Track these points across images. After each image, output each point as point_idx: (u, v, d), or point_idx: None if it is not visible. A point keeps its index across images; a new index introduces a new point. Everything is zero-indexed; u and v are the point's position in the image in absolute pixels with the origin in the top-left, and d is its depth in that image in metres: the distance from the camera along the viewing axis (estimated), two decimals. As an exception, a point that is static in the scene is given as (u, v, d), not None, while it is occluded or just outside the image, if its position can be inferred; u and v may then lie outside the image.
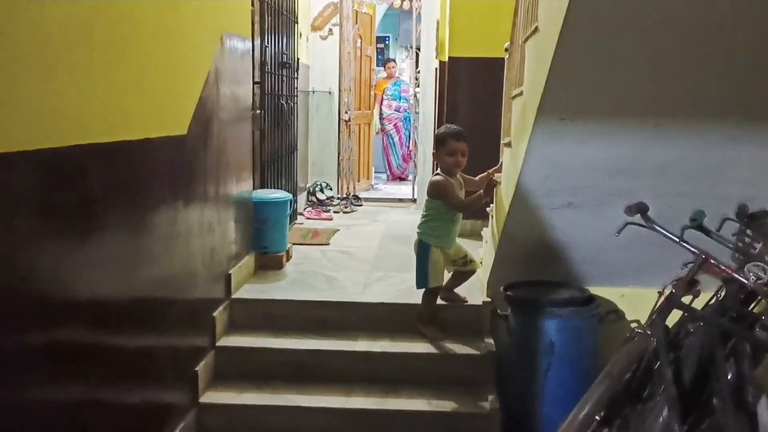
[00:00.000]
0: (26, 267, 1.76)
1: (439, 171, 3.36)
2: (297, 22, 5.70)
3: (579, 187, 2.62)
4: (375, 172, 9.10)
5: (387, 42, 11.43)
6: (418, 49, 7.17)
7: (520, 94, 2.51)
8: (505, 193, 2.96)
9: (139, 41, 2.41)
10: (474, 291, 3.67)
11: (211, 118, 3.26)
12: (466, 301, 3.57)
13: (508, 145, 2.83)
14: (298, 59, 5.73)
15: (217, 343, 3.37)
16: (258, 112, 4.49)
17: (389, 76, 9.54)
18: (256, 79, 4.40)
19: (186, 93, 2.95)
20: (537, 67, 2.21)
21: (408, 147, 9.56)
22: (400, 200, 7.32)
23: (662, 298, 2.30)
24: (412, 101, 10.13)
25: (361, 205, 6.89)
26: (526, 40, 2.41)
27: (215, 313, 3.37)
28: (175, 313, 2.88)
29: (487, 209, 3.67)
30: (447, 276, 3.52)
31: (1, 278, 1.65)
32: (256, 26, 4.38)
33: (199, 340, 3.21)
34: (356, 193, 7.22)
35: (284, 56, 5.17)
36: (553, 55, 1.96)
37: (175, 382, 2.92)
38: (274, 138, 4.93)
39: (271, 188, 4.75)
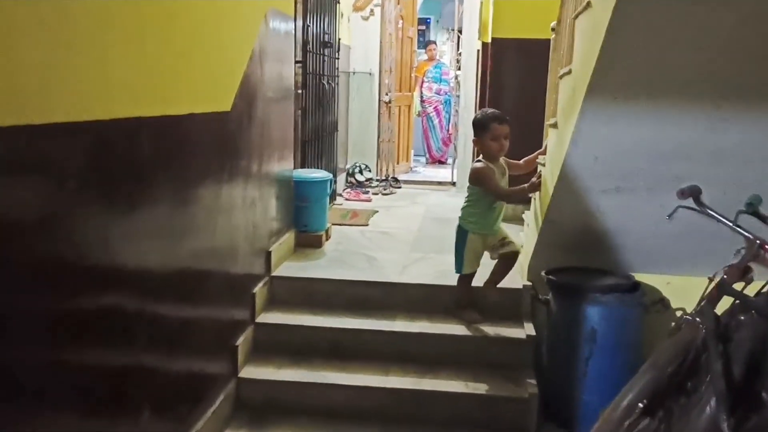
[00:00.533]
0: (77, 234, 1.78)
1: (480, 157, 3.30)
2: (339, 2, 5.67)
3: (629, 170, 2.56)
4: (414, 155, 9.06)
5: (428, 24, 11.32)
6: (460, 31, 7.09)
7: (569, 72, 2.45)
8: (549, 175, 2.91)
9: (187, 15, 2.41)
10: (514, 275, 3.63)
11: (255, 96, 3.26)
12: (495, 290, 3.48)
13: (554, 126, 2.77)
14: (339, 39, 5.71)
15: (257, 319, 3.40)
16: (300, 91, 4.49)
17: (430, 59, 9.47)
18: (298, 58, 4.40)
19: (231, 69, 2.95)
20: (589, 43, 2.15)
21: (448, 130, 9.49)
22: (440, 183, 7.27)
23: (712, 285, 2.23)
24: (452, 84, 10.05)
25: (400, 188, 6.87)
26: (577, 16, 2.35)
27: (255, 289, 3.40)
28: (217, 287, 2.91)
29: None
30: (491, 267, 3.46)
31: (52, 245, 1.67)
32: (299, 5, 4.37)
33: (240, 314, 3.24)
34: (395, 176, 7.20)
35: (326, 36, 5.15)
36: (607, 29, 1.90)
37: (215, 355, 2.95)
38: (315, 118, 4.93)
39: (311, 168, 4.76)
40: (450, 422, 3.04)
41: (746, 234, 2.13)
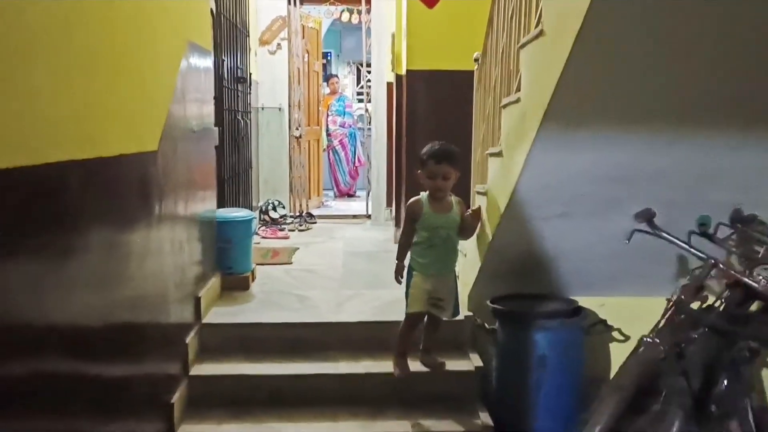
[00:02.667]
0: None
1: (423, 193, 3.02)
2: (249, 36, 5.55)
3: (574, 196, 2.59)
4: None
5: (329, 57, 11.33)
6: (362, 64, 7.10)
7: (516, 101, 2.45)
8: (493, 205, 2.90)
9: (111, 46, 2.23)
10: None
11: (180, 133, 3.08)
12: (443, 367, 3.16)
13: (498, 155, 2.77)
14: (250, 74, 5.57)
15: (191, 372, 3.16)
16: (216, 128, 4.31)
17: (333, 92, 9.45)
18: (214, 94, 4.23)
19: (156, 106, 2.77)
20: (542, 72, 2.16)
21: (354, 163, 9.48)
22: (354, 216, 7.20)
23: (671, 305, 2.27)
24: (356, 117, 10.07)
25: (315, 223, 6.74)
26: (523, 45, 2.37)
27: (188, 339, 3.16)
28: (149, 339, 2.67)
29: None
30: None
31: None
32: (213, 39, 4.22)
33: (173, 367, 3.00)
34: (309, 211, 7.06)
35: (239, 71, 5.00)
36: (567, 59, 1.91)
37: (149, 415, 2.70)
38: (232, 155, 4.75)
39: (231, 206, 4.56)
40: (405, 465, 2.93)
41: (701, 255, 2.19)
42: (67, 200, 1.89)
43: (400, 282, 3.06)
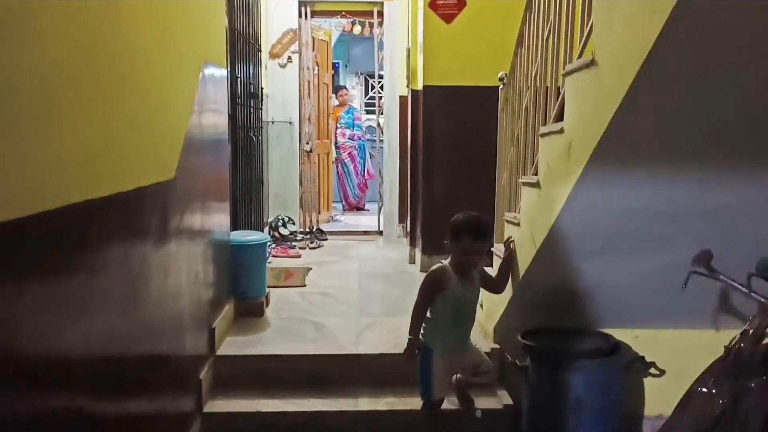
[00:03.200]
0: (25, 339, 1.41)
1: (447, 260, 2.75)
2: (260, 50, 5.41)
3: (617, 232, 2.44)
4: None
5: (337, 68, 11.20)
6: (370, 75, 6.94)
7: (560, 131, 2.30)
8: (526, 238, 2.75)
9: (135, 71, 2.08)
10: (476, 336, 3.43)
11: (196, 158, 2.93)
12: (476, 411, 3.01)
13: (535, 185, 2.62)
14: (262, 89, 5.43)
15: (205, 409, 3.00)
16: (229, 146, 4.16)
17: (342, 104, 9.32)
18: (229, 111, 4.08)
19: (175, 131, 2.62)
20: (593, 104, 2.01)
21: (363, 176, 9.33)
22: (366, 233, 7.04)
23: (729, 352, 2.11)
24: (365, 128, 9.93)
25: (326, 239, 6.58)
26: (569, 73, 2.21)
27: (201, 374, 3.00)
28: (163, 375, 2.51)
29: (493, 249, 3.42)
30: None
31: None
32: (227, 55, 4.07)
33: (186, 405, 2.84)
34: (320, 227, 6.91)
35: (251, 86, 4.86)
36: (626, 94, 1.76)
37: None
38: (245, 173, 4.60)
39: (243, 227, 4.41)
40: None
41: (763, 300, 2.04)
42: (85, 241, 1.74)
43: (410, 361, 2.75)
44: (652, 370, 3.20)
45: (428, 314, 2.74)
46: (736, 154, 2.03)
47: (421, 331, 2.75)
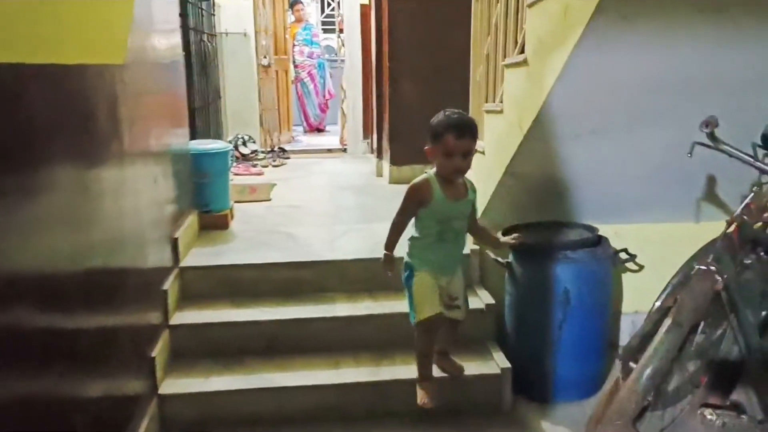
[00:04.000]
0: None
1: (431, 170, 2.39)
2: (210, -49, 5.00)
3: (610, 106, 2.27)
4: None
5: (291, -17, 10.66)
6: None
7: (545, -2, 2.09)
8: (511, 124, 2.57)
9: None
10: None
11: (147, 50, 2.65)
12: (462, 372, 2.69)
13: (521, 64, 2.42)
14: (214, -8, 5.05)
15: (171, 321, 2.82)
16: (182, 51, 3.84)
17: (298, 20, 8.89)
18: (179, 10, 3.74)
19: (120, 14, 2.32)
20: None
21: (324, 96, 9.01)
22: (329, 150, 6.82)
23: (731, 228, 2.00)
24: (323, 47, 9.54)
25: (288, 158, 6.34)
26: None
27: (167, 285, 2.81)
28: (125, 287, 2.31)
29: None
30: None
31: None
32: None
33: (152, 317, 2.65)
34: (281, 146, 6.64)
35: (202, -13, 4.50)
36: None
37: (128, 373, 2.36)
38: (201, 82, 4.29)
39: (202, 139, 4.14)
40: (417, 412, 2.65)
41: (769, 169, 1.91)
42: (26, 111, 1.49)
43: (388, 276, 2.49)
44: (631, 265, 3.13)
45: (415, 233, 2.48)
46: (745, 15, 1.86)
47: (407, 250, 2.50)
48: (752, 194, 1.98)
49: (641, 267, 3.13)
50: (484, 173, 2.92)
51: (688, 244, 2.48)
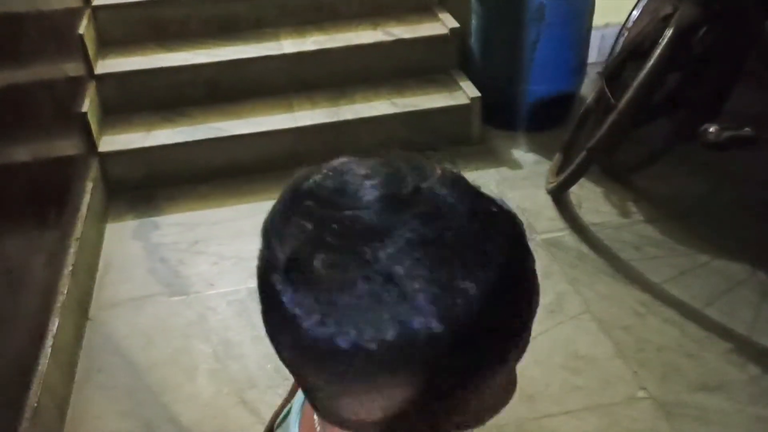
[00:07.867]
0: None
1: None
2: None
3: None
4: None
5: None
6: None
7: None
8: None
9: None
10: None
11: None
12: None
13: None
14: None
15: (96, 71, 2.45)
16: None
17: None
18: None
19: None
20: None
21: None
22: None
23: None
24: None
25: None
26: None
27: (81, 29, 2.38)
28: (29, 35, 1.91)
29: None
30: None
31: None
32: None
33: (72, 69, 2.28)
34: None
35: None
36: None
37: (60, 134, 2.07)
38: None
39: None
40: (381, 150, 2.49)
41: None
42: None
43: None
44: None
45: None
46: None
47: None
48: None
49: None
50: None
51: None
